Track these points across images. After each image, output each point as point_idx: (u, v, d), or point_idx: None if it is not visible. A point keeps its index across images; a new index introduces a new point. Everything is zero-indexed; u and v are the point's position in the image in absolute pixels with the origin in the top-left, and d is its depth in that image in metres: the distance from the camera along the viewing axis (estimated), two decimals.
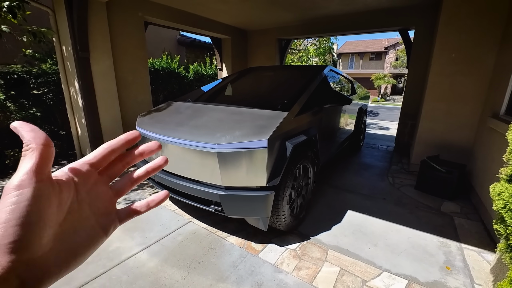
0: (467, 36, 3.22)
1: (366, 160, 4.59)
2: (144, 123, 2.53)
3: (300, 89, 2.59)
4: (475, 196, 2.98)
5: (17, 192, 0.24)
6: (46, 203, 0.25)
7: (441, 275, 1.89)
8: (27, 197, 0.24)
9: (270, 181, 1.89)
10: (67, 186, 0.29)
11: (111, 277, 1.81)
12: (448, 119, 3.53)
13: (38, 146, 0.25)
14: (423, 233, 2.41)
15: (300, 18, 5.48)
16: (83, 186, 0.31)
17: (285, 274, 1.87)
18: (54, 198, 0.26)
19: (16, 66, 4.04)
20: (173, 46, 9.65)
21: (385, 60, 26.91)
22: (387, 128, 8.42)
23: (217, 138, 1.89)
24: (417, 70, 4.63)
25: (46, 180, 0.26)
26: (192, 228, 2.41)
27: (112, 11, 3.82)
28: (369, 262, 2.01)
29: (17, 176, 0.24)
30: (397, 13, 4.65)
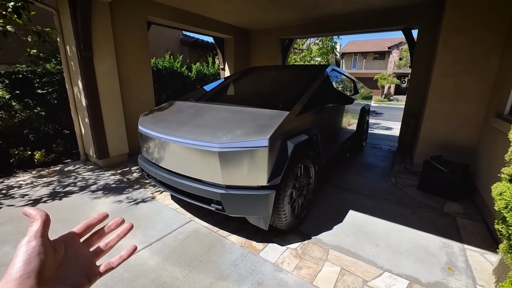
0: (471, 35, 3.19)
1: (368, 160, 4.57)
2: (146, 122, 2.55)
3: (302, 89, 2.59)
4: (478, 196, 2.95)
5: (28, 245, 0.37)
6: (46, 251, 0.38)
7: (443, 276, 1.88)
8: (34, 246, 0.37)
9: (271, 180, 1.89)
10: (59, 245, 0.43)
11: (112, 275, 1.83)
12: (451, 119, 3.50)
13: (41, 217, 0.41)
14: (425, 233, 2.39)
15: (302, 18, 5.47)
16: (70, 247, 0.45)
17: (286, 273, 1.88)
18: (51, 249, 0.40)
19: (21, 66, 4.09)
20: (176, 46, 9.69)
21: (389, 59, 26.73)
22: (390, 128, 8.37)
23: (218, 137, 1.90)
24: (420, 70, 4.60)
25: (46, 238, 0.40)
26: (194, 227, 2.42)
27: (115, 11, 3.84)
28: (370, 262, 2.00)
29: (27, 235, 0.39)
30: (400, 12, 4.62)
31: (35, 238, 0.38)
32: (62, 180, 3.42)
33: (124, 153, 4.22)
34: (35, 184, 3.27)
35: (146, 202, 2.87)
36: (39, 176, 3.54)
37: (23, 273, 0.34)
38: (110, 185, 3.29)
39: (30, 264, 0.35)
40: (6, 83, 3.89)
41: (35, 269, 0.36)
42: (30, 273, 0.35)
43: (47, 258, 0.38)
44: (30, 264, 0.35)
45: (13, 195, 2.96)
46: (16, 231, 2.31)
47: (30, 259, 0.36)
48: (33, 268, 0.35)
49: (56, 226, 2.38)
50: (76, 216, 2.57)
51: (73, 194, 3.02)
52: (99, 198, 2.94)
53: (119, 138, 4.09)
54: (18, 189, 3.14)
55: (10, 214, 2.57)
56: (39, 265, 0.36)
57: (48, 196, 2.97)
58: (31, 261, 0.36)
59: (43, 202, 2.83)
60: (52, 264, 0.39)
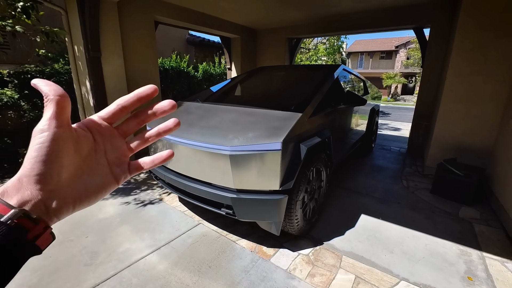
0: (488, 34, 3.08)
1: (378, 162, 4.47)
2: (153, 123, 2.51)
3: (314, 90, 2.52)
4: (495, 201, 2.85)
5: (40, 135, 0.29)
6: (63, 146, 0.30)
7: (463, 286, 1.80)
8: (48, 139, 0.29)
9: (283, 184, 1.84)
10: (84, 135, 0.34)
11: (121, 280, 1.79)
12: (466, 120, 3.39)
13: (55, 97, 0.30)
14: (441, 240, 2.31)
15: (310, 17, 5.39)
16: (100, 137, 0.35)
17: (298, 280, 1.82)
18: (71, 142, 0.31)
19: (30, 66, 4.10)
20: (182, 46, 9.68)
21: (396, 59, 26.40)
22: (399, 129, 8.23)
23: (229, 139, 1.85)
24: (433, 70, 4.48)
25: (65, 126, 0.31)
26: (202, 230, 2.38)
27: (123, 11, 3.82)
28: (385, 270, 1.93)
29: (41, 122, 0.30)
30: (412, 10, 4.50)
31: (50, 128, 0.29)
32: None
33: None
34: None
35: (154, 204, 2.84)
36: None
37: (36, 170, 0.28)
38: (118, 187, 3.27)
39: (42, 163, 0.28)
40: (15, 83, 3.90)
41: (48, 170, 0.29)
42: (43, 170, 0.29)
43: (67, 154, 0.30)
44: (42, 163, 0.28)
45: None
46: None
47: (42, 156, 0.29)
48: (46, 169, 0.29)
49: (64, 227, 2.36)
50: (84, 217, 2.54)
51: None
52: (106, 199, 2.92)
53: None
54: None
55: None
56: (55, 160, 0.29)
57: None
58: (43, 159, 0.29)
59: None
60: (73, 160, 0.32)
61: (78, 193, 0.33)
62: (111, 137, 0.37)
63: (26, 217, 0.28)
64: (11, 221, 0.26)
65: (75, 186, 0.32)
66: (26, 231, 0.27)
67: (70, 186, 0.32)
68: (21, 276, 1.80)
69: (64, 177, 0.31)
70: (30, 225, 0.28)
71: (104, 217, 2.55)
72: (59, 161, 0.30)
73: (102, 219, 2.53)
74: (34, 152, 0.29)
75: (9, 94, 3.82)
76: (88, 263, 1.94)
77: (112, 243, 2.17)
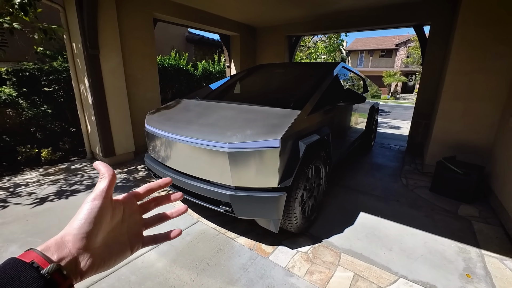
0: (488, 31, 3.07)
1: (377, 160, 4.47)
2: (153, 120, 2.50)
3: (313, 87, 2.51)
4: (494, 199, 2.85)
5: (91, 203, 0.37)
6: (106, 213, 0.38)
7: (462, 284, 1.80)
8: (97, 206, 0.37)
9: (282, 182, 1.83)
10: (119, 206, 0.41)
11: (119, 277, 1.79)
12: (466, 118, 3.39)
13: (109, 176, 0.40)
14: (440, 237, 2.31)
15: (310, 14, 5.37)
16: (128, 210, 0.43)
17: (297, 278, 1.81)
18: (110, 211, 0.39)
19: (28, 63, 4.08)
20: (182, 44, 9.64)
21: (396, 57, 26.35)
22: (398, 127, 8.22)
23: (228, 137, 1.84)
24: (432, 68, 4.47)
25: (109, 198, 0.39)
26: (201, 228, 2.37)
27: (121, 8, 3.80)
28: (384, 268, 1.93)
29: (94, 192, 0.38)
30: (412, 7, 4.48)
31: (101, 198, 0.38)
32: (69, 178, 3.40)
33: (130, 151, 4.20)
34: (42, 182, 3.26)
35: None
36: (46, 174, 3.53)
37: (83, 230, 0.35)
38: (117, 184, 3.27)
39: (90, 224, 0.35)
40: (13, 81, 3.89)
41: (92, 231, 0.36)
42: (86, 233, 0.35)
43: (106, 220, 0.38)
44: (90, 224, 0.35)
45: (20, 193, 2.95)
46: (23, 230, 2.29)
47: (92, 219, 0.36)
48: (91, 229, 0.35)
49: (64, 225, 2.35)
50: None
51: (80, 193, 3.00)
52: None
53: (125, 136, 4.07)
54: (25, 187, 3.13)
55: (17, 212, 2.56)
56: (97, 227, 0.36)
57: (54, 194, 2.95)
58: (91, 221, 0.36)
59: (49, 200, 2.81)
60: (108, 226, 0.39)
61: (103, 256, 0.38)
62: (134, 212, 0.45)
63: (60, 272, 0.31)
64: (48, 274, 0.30)
65: (102, 250, 0.38)
66: (56, 285, 0.30)
67: (99, 249, 0.37)
68: None
69: (97, 241, 0.37)
70: (61, 281, 0.31)
71: None
72: (100, 225, 0.37)
73: None
74: (84, 215, 0.36)
75: (8, 92, 3.81)
76: None
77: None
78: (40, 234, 2.22)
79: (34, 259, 0.31)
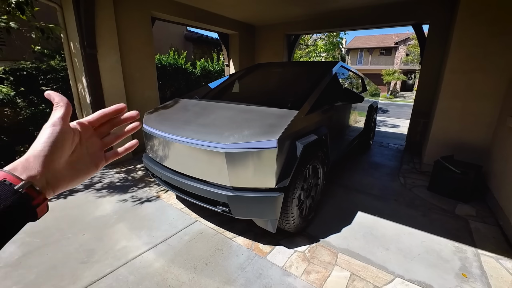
0: (486, 30, 3.06)
1: (376, 159, 4.48)
2: (151, 120, 2.50)
3: (311, 87, 2.51)
4: (491, 199, 2.86)
5: (52, 128, 0.40)
6: (66, 138, 0.41)
7: (457, 283, 1.81)
8: (57, 131, 0.40)
9: (279, 182, 1.83)
10: (76, 132, 0.45)
11: (117, 277, 1.80)
12: (464, 118, 3.39)
13: (64, 104, 0.43)
14: (437, 237, 2.32)
15: (309, 13, 5.35)
16: (84, 135, 0.47)
17: (294, 278, 1.83)
18: (69, 136, 0.42)
19: (25, 62, 4.07)
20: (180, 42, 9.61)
21: (395, 55, 26.31)
22: (397, 126, 8.23)
23: (225, 137, 1.84)
24: (431, 67, 4.47)
25: (68, 125, 0.42)
26: (199, 228, 2.38)
27: (119, 6, 3.78)
28: (381, 267, 1.94)
29: (52, 118, 0.41)
30: (411, 6, 4.47)
31: (59, 124, 0.40)
32: None
33: None
34: None
35: (151, 201, 2.84)
36: None
37: (45, 152, 0.38)
38: (115, 183, 3.27)
39: (51, 145, 0.38)
40: (10, 80, 3.87)
41: (55, 150, 0.39)
42: (50, 153, 0.38)
43: (66, 143, 0.41)
44: (51, 145, 0.38)
45: None
46: (21, 230, 2.28)
47: (52, 141, 0.39)
48: (53, 149, 0.38)
49: (62, 225, 2.36)
50: (81, 215, 2.54)
51: (78, 193, 3.00)
52: (104, 197, 2.92)
53: None
54: None
55: None
56: (59, 147, 0.39)
57: None
58: (52, 142, 0.39)
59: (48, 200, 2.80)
60: (68, 149, 0.42)
61: (70, 174, 0.43)
62: (91, 136, 0.49)
63: (32, 188, 0.35)
64: (22, 189, 0.33)
65: (68, 169, 0.42)
66: (31, 199, 0.35)
67: (64, 168, 0.42)
68: (18, 274, 1.80)
69: (62, 161, 0.41)
70: (35, 195, 0.35)
71: (101, 215, 2.55)
72: (62, 148, 0.40)
73: (99, 216, 2.53)
74: (46, 138, 0.39)
75: (5, 91, 3.79)
76: (85, 261, 1.94)
77: (109, 241, 2.17)
78: (39, 234, 2.22)
79: (6, 178, 0.33)
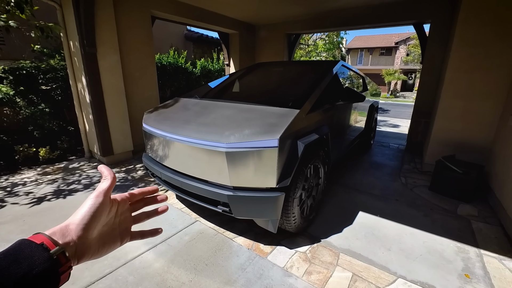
0: (489, 29, 3.04)
1: (377, 159, 4.46)
2: (150, 119, 2.48)
3: (312, 86, 2.49)
4: (493, 199, 2.84)
5: (95, 199, 0.44)
6: (104, 209, 0.45)
7: (460, 284, 1.79)
8: (99, 202, 0.44)
9: (280, 182, 1.82)
10: (115, 205, 0.49)
11: (117, 278, 1.78)
12: (465, 117, 3.37)
13: (111, 178, 0.48)
14: (439, 237, 2.30)
15: (309, 12, 5.33)
16: (121, 208, 0.50)
17: (295, 278, 1.81)
18: (108, 208, 0.46)
19: (25, 61, 4.05)
20: (180, 42, 9.59)
21: (396, 55, 26.28)
22: (398, 125, 8.21)
23: (225, 136, 1.82)
24: (432, 66, 4.45)
25: (109, 197, 0.46)
26: (199, 228, 2.36)
27: (119, 5, 3.76)
28: (383, 268, 1.92)
29: (97, 190, 0.45)
30: (412, 5, 4.45)
31: (102, 196, 0.44)
32: (67, 178, 3.38)
33: (129, 150, 4.18)
34: (39, 182, 3.25)
35: None
36: (43, 173, 3.52)
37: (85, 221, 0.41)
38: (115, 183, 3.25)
39: (90, 217, 0.42)
40: (10, 79, 3.86)
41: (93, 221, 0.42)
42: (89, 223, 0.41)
43: (103, 214, 0.44)
44: (90, 217, 0.42)
45: (17, 193, 2.94)
46: (20, 230, 2.28)
47: (93, 212, 0.42)
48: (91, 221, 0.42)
49: None
50: None
51: (78, 192, 2.98)
52: None
53: (123, 135, 4.04)
54: (23, 186, 3.11)
55: (14, 212, 2.54)
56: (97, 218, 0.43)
57: (52, 194, 2.93)
58: (92, 213, 0.42)
59: (47, 200, 2.79)
60: (104, 221, 0.45)
61: (98, 246, 0.44)
62: (126, 210, 0.52)
63: (63, 254, 0.37)
64: (55, 255, 0.36)
65: (96, 241, 0.44)
66: (60, 265, 0.36)
67: (94, 239, 0.43)
68: None
69: (95, 232, 0.43)
70: (64, 261, 0.37)
71: None
72: (99, 220, 0.43)
73: None
74: (88, 208, 0.42)
75: (5, 91, 3.78)
76: None
77: None
78: None
79: (44, 241, 0.36)
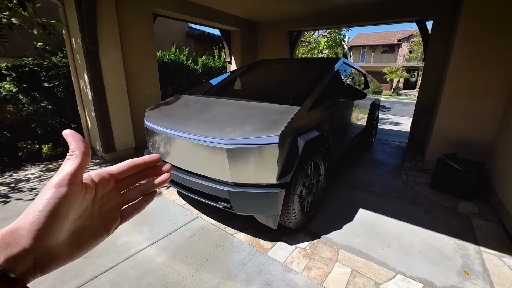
0: (492, 27, 3.02)
1: (378, 157, 4.46)
2: (152, 116, 2.50)
3: (313, 83, 2.49)
4: (494, 196, 2.84)
5: (55, 190, 0.28)
6: (73, 202, 0.30)
7: (459, 280, 1.80)
8: (61, 195, 0.28)
9: (280, 178, 1.83)
10: (91, 190, 0.33)
11: (119, 272, 1.81)
12: (467, 115, 3.36)
13: (81, 154, 0.31)
14: (439, 234, 2.31)
15: (311, 9, 5.30)
16: (100, 191, 0.35)
17: (295, 273, 1.83)
18: (78, 200, 0.31)
19: (28, 59, 4.07)
20: (182, 39, 9.58)
21: (398, 53, 26.09)
22: (399, 123, 8.19)
23: (226, 133, 1.84)
24: (434, 64, 4.42)
25: (78, 183, 0.31)
26: (200, 224, 2.39)
27: (120, 3, 3.77)
28: (382, 264, 1.94)
29: (59, 175, 0.29)
30: (414, 2, 4.42)
31: (67, 183, 0.29)
32: None
33: (131, 147, 4.20)
34: (43, 178, 3.28)
35: None
36: (47, 170, 3.55)
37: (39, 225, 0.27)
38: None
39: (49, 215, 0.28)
40: (13, 77, 3.88)
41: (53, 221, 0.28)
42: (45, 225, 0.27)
43: (71, 210, 0.30)
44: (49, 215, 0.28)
45: (21, 189, 2.97)
46: None
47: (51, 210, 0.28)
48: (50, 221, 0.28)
49: None
50: None
51: None
52: None
53: (125, 132, 4.07)
54: (26, 182, 3.15)
55: (18, 208, 2.58)
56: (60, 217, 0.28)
57: None
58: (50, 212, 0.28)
59: None
60: (73, 216, 0.31)
61: (71, 248, 0.31)
62: (109, 192, 0.37)
63: (4, 277, 0.25)
64: None
65: (67, 242, 0.31)
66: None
67: (63, 242, 0.30)
68: None
69: (61, 234, 0.29)
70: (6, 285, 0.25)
71: None
72: (64, 218, 0.29)
73: None
74: (43, 205, 0.28)
75: (8, 88, 3.81)
76: (87, 256, 1.95)
77: (111, 236, 2.16)
78: None
79: None
